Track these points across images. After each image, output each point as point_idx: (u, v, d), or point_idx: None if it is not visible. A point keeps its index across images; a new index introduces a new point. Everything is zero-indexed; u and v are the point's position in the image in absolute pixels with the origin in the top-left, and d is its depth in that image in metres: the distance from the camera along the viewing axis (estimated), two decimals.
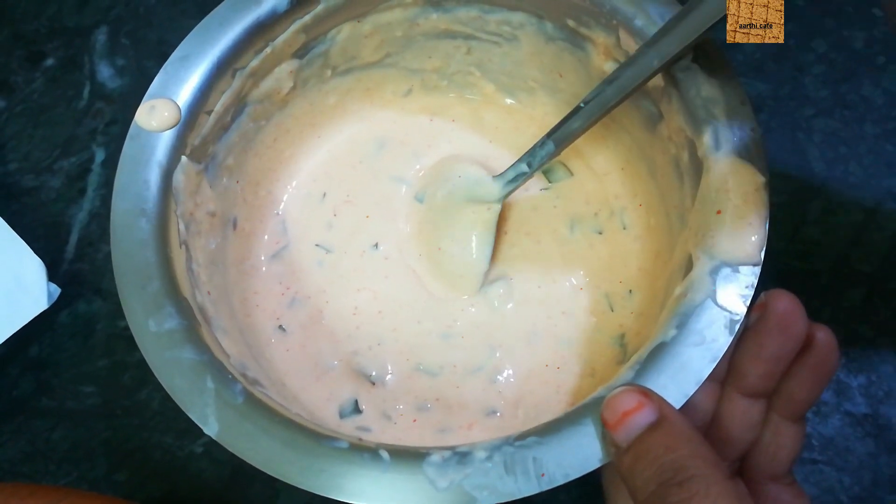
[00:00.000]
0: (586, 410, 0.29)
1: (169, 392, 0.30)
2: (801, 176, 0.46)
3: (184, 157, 0.35)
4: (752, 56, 0.49)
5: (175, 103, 0.35)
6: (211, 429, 0.30)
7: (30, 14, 0.55)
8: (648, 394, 0.27)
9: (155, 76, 0.36)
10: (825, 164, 0.46)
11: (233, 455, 0.42)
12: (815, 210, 0.45)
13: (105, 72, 0.53)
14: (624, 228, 0.41)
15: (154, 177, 0.34)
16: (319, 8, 0.38)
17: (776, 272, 0.44)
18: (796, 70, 0.48)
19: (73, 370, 0.45)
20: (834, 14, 0.49)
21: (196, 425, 0.42)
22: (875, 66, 0.48)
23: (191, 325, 0.32)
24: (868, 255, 0.44)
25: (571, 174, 0.43)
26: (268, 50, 0.37)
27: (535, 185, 0.43)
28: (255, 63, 0.37)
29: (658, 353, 0.29)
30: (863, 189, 0.45)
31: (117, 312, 0.46)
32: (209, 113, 0.36)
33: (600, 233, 0.42)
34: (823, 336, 0.29)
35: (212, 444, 0.42)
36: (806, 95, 0.48)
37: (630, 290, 0.40)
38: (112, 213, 0.33)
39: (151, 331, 0.31)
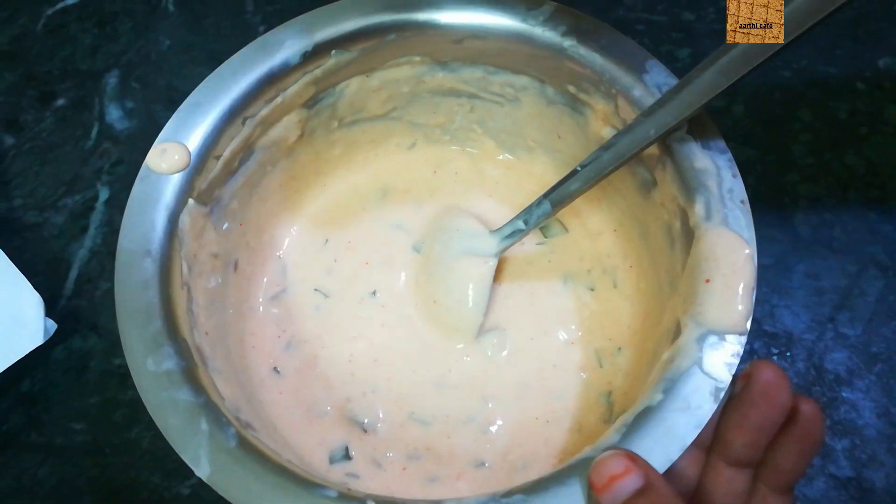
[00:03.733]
0: (573, 470, 0.29)
1: (163, 432, 0.31)
2: (787, 240, 0.47)
3: (190, 200, 0.36)
4: (742, 122, 0.50)
5: (185, 147, 0.36)
6: (203, 471, 0.30)
7: (44, 56, 0.57)
8: (636, 459, 0.28)
9: (162, 120, 0.37)
10: (810, 229, 0.47)
11: (220, 498, 0.42)
12: (801, 273, 0.46)
13: (114, 114, 0.54)
14: (615, 287, 0.42)
15: (161, 218, 0.34)
16: (330, 62, 0.39)
17: (761, 334, 0.45)
18: (783, 137, 0.50)
19: (64, 406, 0.45)
20: (819, 86, 0.51)
21: (185, 466, 0.42)
22: (858, 137, 0.50)
23: (189, 366, 0.32)
24: (852, 319, 0.45)
25: (567, 231, 0.44)
26: (278, 100, 0.38)
27: (530, 239, 0.44)
28: (264, 112, 0.38)
29: (644, 416, 0.30)
30: (847, 254, 0.47)
31: (112, 350, 0.46)
32: (217, 158, 0.37)
33: (592, 289, 0.43)
34: (808, 409, 0.30)
35: (200, 485, 0.42)
36: (792, 162, 0.49)
37: (619, 348, 0.41)
38: (118, 253, 0.34)
39: (149, 370, 0.31)
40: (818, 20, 0.29)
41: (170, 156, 0.35)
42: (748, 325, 0.31)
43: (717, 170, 0.34)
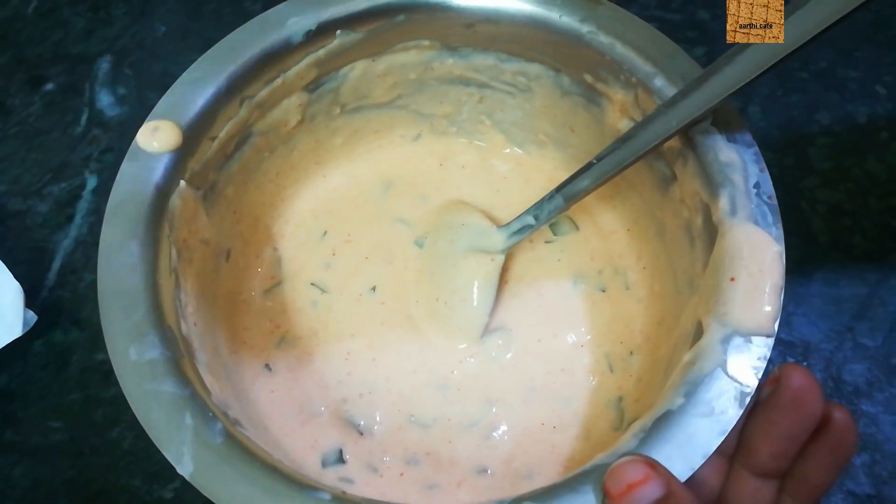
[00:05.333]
0: (586, 477, 0.27)
1: (144, 427, 0.29)
2: (805, 246, 0.46)
3: (182, 182, 0.34)
4: (758, 125, 0.49)
5: (178, 126, 0.34)
6: (185, 469, 0.28)
7: (35, 39, 0.55)
8: (656, 466, 0.26)
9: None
10: (829, 236, 0.46)
11: (204, 502, 0.40)
12: (819, 281, 0.45)
13: (105, 100, 0.53)
14: (627, 288, 0.41)
15: (150, 199, 0.33)
16: (334, 43, 0.38)
17: (777, 342, 0.43)
18: (801, 141, 0.49)
19: (42, 403, 0.43)
20: (838, 89, 0.50)
21: (168, 469, 0.40)
22: (878, 142, 0.48)
23: (174, 356, 0.30)
24: (872, 329, 0.44)
25: (577, 229, 0.43)
26: (278, 81, 0.37)
27: (539, 237, 0.42)
28: (264, 93, 0.37)
29: (664, 421, 0.28)
30: (867, 262, 0.45)
31: (95, 344, 0.45)
32: (212, 139, 0.35)
33: (604, 291, 0.41)
34: (841, 416, 0.28)
35: (182, 489, 0.40)
36: (810, 166, 0.48)
37: (631, 352, 0.39)
38: (102, 234, 0.32)
39: (132, 360, 0.29)
40: None
41: (161, 134, 0.33)
42: (776, 326, 0.29)
43: (743, 163, 0.33)
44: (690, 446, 0.27)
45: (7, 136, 0.51)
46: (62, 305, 0.45)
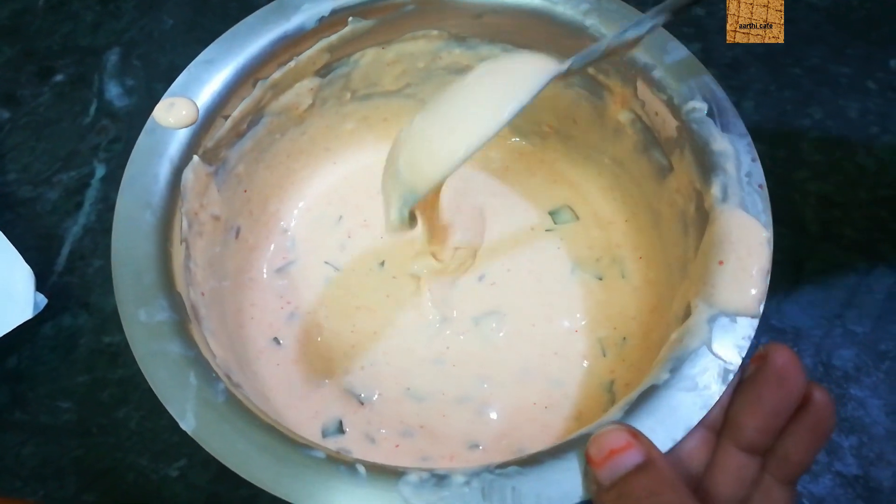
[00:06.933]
0: (570, 446, 0.28)
1: (150, 384, 0.30)
2: (797, 236, 0.47)
3: (195, 157, 0.35)
4: (751, 118, 0.50)
5: (194, 103, 0.35)
6: (188, 424, 0.29)
7: (44, 32, 0.56)
8: (637, 435, 0.27)
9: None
10: (820, 226, 0.47)
11: (209, 481, 0.41)
12: (810, 270, 0.46)
13: (113, 90, 0.53)
14: (623, 277, 0.42)
15: (164, 172, 0.34)
16: (346, 30, 0.38)
17: (769, 328, 0.44)
18: (793, 134, 0.50)
19: (51, 384, 0.43)
20: (830, 84, 0.51)
21: (173, 448, 0.41)
22: (868, 136, 0.50)
23: (181, 319, 0.31)
24: (860, 316, 0.45)
25: (577, 218, 0.44)
26: (291, 64, 0.38)
27: (540, 225, 0.43)
28: (277, 75, 0.38)
29: (649, 395, 0.29)
30: (857, 252, 0.46)
31: (102, 328, 0.45)
32: (226, 118, 0.36)
33: (600, 278, 0.42)
34: (820, 396, 0.29)
35: (188, 468, 0.41)
36: (802, 159, 0.49)
37: (624, 338, 0.40)
38: (118, 202, 0.33)
39: (141, 321, 0.31)
40: None
41: (177, 110, 0.34)
42: (761, 308, 0.30)
43: (735, 153, 0.34)
44: (673, 419, 0.28)
45: (18, 125, 0.52)
46: (71, 290, 0.46)
